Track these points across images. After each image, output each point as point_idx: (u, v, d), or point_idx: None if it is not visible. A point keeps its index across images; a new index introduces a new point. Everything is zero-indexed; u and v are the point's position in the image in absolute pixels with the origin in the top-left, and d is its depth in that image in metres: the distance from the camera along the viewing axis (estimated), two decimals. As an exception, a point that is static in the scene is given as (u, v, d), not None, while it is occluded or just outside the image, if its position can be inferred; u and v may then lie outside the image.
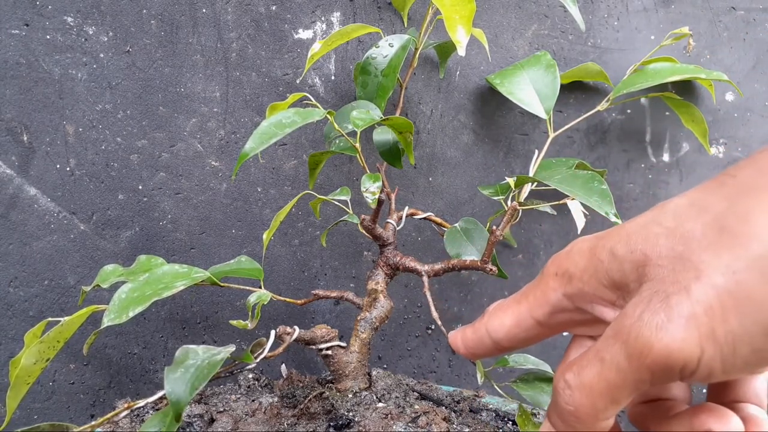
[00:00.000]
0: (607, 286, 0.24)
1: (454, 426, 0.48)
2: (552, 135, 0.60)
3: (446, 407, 0.51)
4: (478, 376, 0.50)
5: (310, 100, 0.50)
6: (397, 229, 0.57)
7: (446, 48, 0.65)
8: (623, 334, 0.22)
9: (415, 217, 0.62)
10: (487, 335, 0.29)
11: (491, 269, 0.49)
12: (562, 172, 0.50)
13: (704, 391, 0.28)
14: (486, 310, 0.30)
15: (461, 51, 0.45)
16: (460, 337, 0.30)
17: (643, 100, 0.73)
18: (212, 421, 0.48)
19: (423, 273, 0.52)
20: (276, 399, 0.51)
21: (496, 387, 0.52)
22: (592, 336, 0.29)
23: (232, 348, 0.38)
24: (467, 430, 0.48)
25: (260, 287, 0.50)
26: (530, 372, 0.53)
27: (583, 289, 0.25)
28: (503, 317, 0.28)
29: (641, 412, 0.28)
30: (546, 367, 0.53)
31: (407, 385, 0.54)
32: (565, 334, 0.57)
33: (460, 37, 0.45)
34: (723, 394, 0.27)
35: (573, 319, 0.27)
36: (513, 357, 0.56)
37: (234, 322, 0.50)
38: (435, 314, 0.49)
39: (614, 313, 0.25)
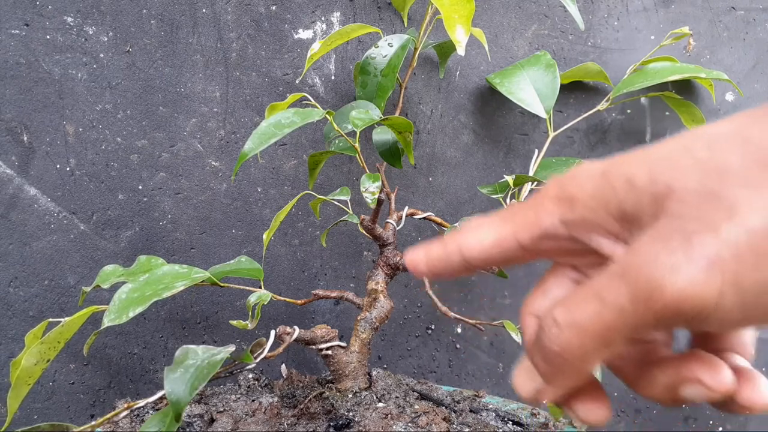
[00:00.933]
0: (615, 216, 0.22)
1: (454, 426, 0.48)
2: (552, 135, 0.60)
3: (446, 407, 0.51)
4: (514, 335, 0.49)
5: (310, 100, 0.50)
6: (397, 229, 0.57)
7: (446, 48, 0.65)
8: (631, 274, 0.19)
9: (415, 217, 0.62)
10: (457, 251, 0.26)
11: (491, 269, 0.49)
12: (562, 171, 0.50)
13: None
14: (462, 225, 0.27)
15: (460, 50, 0.45)
16: (423, 253, 0.27)
17: (643, 99, 0.73)
18: (212, 421, 0.48)
19: (423, 273, 0.52)
20: (276, 399, 0.51)
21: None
22: (575, 266, 0.26)
23: (232, 348, 0.38)
24: (467, 430, 0.48)
25: (260, 287, 0.51)
26: None
27: (587, 216, 0.23)
28: (482, 234, 0.25)
29: (619, 355, 0.25)
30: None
31: (407, 385, 0.54)
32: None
33: (460, 36, 0.45)
34: (709, 341, 0.24)
35: (561, 248, 0.24)
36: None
37: (234, 322, 0.50)
38: (443, 308, 0.49)
39: (614, 246, 0.23)
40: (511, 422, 0.51)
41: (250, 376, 0.55)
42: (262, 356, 0.44)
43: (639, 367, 0.24)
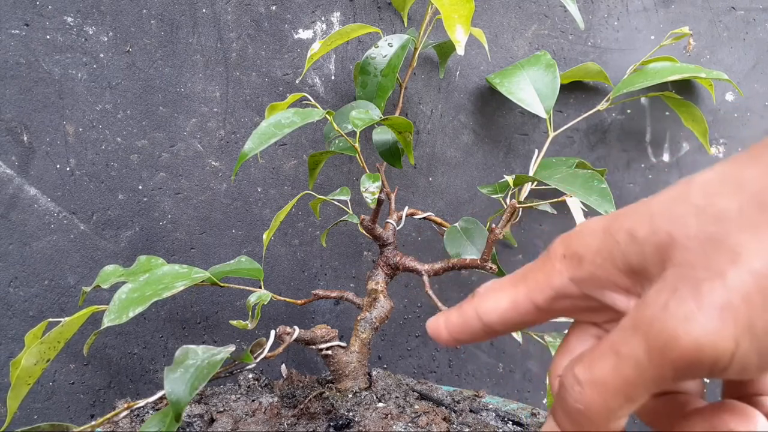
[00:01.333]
0: (623, 270, 0.22)
1: (454, 426, 0.48)
2: (552, 135, 0.60)
3: (446, 407, 0.51)
4: (515, 335, 0.49)
5: (310, 101, 0.50)
6: (397, 229, 0.57)
7: (446, 48, 0.65)
8: (644, 326, 0.19)
9: (415, 217, 0.62)
10: (476, 318, 0.26)
11: (491, 268, 0.49)
12: (562, 171, 0.50)
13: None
14: (475, 291, 0.27)
15: (460, 50, 0.45)
16: (443, 321, 0.27)
17: (643, 99, 0.73)
18: (212, 421, 0.48)
19: (423, 272, 0.52)
20: (276, 399, 0.51)
21: (536, 338, 0.52)
22: (595, 322, 0.26)
23: (231, 348, 0.38)
24: (467, 430, 0.48)
25: (260, 287, 0.51)
26: (563, 333, 0.51)
27: (595, 273, 0.23)
28: (498, 299, 0.25)
29: (652, 408, 0.25)
30: None
31: (407, 385, 0.54)
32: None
33: (459, 36, 0.45)
34: (741, 386, 0.24)
35: (577, 306, 0.24)
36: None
37: (234, 322, 0.50)
38: (443, 308, 0.48)
39: (627, 301, 0.23)
40: (511, 422, 0.51)
41: (250, 376, 0.55)
42: (262, 356, 0.44)
43: (672, 420, 0.24)
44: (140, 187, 0.64)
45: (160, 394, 0.40)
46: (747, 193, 0.19)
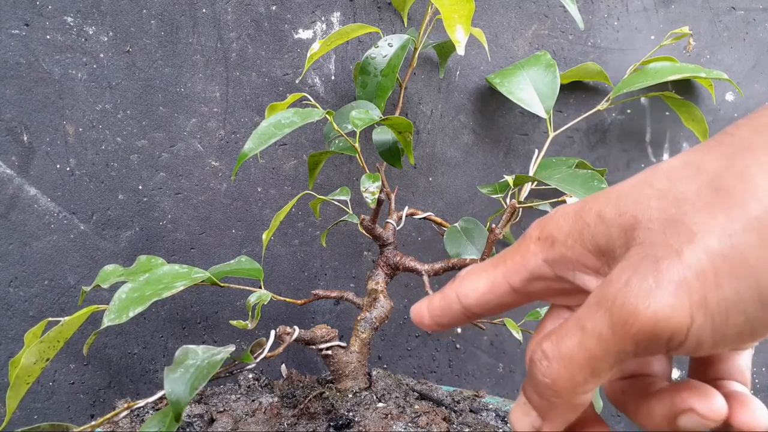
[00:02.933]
0: (592, 251, 0.23)
1: (454, 426, 0.48)
2: (552, 135, 0.60)
3: (446, 407, 0.51)
4: (515, 334, 0.49)
5: (310, 101, 0.50)
6: (397, 229, 0.57)
7: (446, 48, 0.65)
8: (607, 301, 0.20)
9: (415, 217, 0.62)
10: (456, 300, 0.27)
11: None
12: (562, 171, 0.50)
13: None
14: (457, 275, 0.28)
15: (460, 50, 0.45)
16: (426, 306, 0.28)
17: (643, 99, 0.73)
18: (212, 421, 0.48)
19: (423, 272, 0.52)
20: (276, 399, 0.51)
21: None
22: (570, 306, 0.27)
23: (231, 348, 0.38)
24: (467, 430, 0.48)
25: (260, 287, 0.50)
26: None
27: (566, 254, 0.24)
28: (477, 281, 0.26)
29: (619, 388, 0.26)
30: None
31: (407, 385, 0.54)
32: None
33: (459, 36, 0.45)
34: (705, 371, 0.25)
35: (551, 288, 0.25)
36: (545, 309, 0.55)
37: (234, 322, 0.50)
38: None
39: (597, 281, 0.24)
40: (511, 422, 0.51)
41: (250, 376, 0.55)
42: (262, 356, 0.44)
43: (638, 400, 0.25)
44: (140, 187, 0.64)
45: (160, 394, 0.40)
46: (705, 177, 0.20)
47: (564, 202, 0.52)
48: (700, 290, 0.19)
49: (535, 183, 0.62)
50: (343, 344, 0.51)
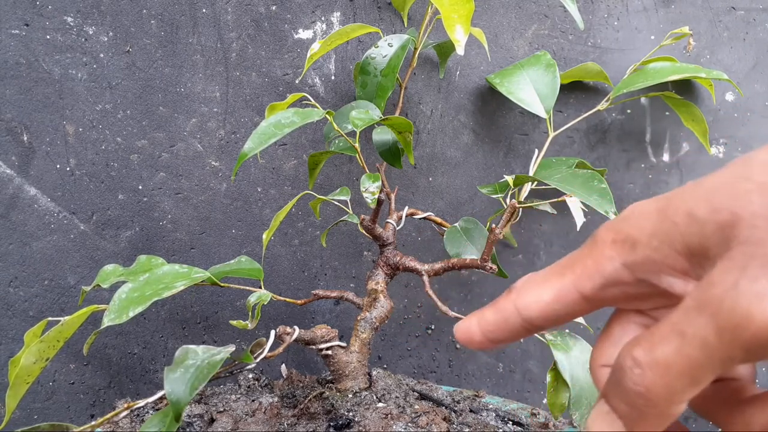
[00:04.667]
0: (681, 253, 0.21)
1: (454, 426, 0.48)
2: (552, 135, 0.60)
3: (446, 407, 0.51)
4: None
5: (310, 100, 0.50)
6: (397, 229, 0.57)
7: (446, 48, 0.65)
8: (712, 305, 0.19)
9: (415, 217, 0.62)
10: (515, 314, 0.25)
11: (491, 268, 0.49)
12: (562, 171, 0.50)
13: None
14: (512, 286, 0.26)
15: (460, 50, 0.45)
16: (475, 322, 0.26)
17: (643, 99, 0.73)
18: (212, 421, 0.48)
19: (423, 272, 0.52)
20: (276, 399, 0.51)
21: (537, 336, 0.52)
22: (640, 310, 0.26)
23: (231, 348, 0.38)
24: (467, 430, 0.48)
25: (260, 287, 0.51)
26: (567, 334, 0.51)
27: (651, 256, 0.22)
28: (540, 292, 0.25)
29: (705, 395, 0.24)
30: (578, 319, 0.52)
31: (407, 385, 0.54)
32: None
33: (459, 36, 0.45)
34: None
35: (626, 293, 0.24)
36: None
37: (234, 322, 0.50)
38: (443, 308, 0.48)
39: (685, 284, 0.22)
40: (511, 422, 0.51)
41: (250, 376, 0.55)
42: (262, 356, 0.44)
43: (729, 407, 0.24)
44: (140, 187, 0.64)
45: (160, 394, 0.40)
46: None
47: (563, 202, 0.52)
48: None
49: (535, 183, 0.62)
50: (343, 344, 0.51)
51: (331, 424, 0.46)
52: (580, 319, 0.54)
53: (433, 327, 0.72)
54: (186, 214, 0.65)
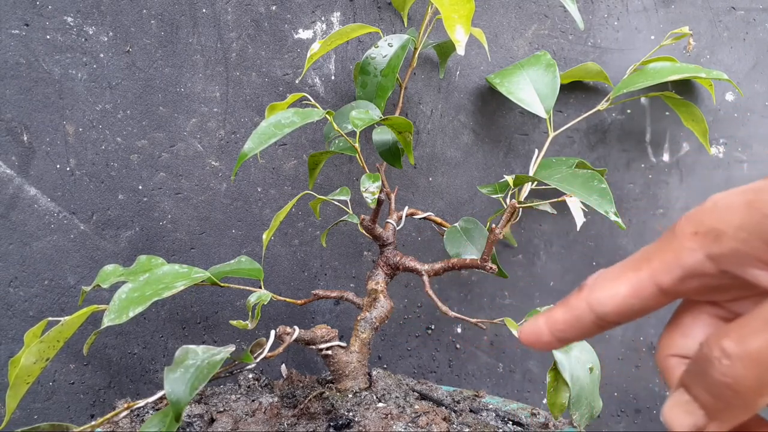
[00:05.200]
0: None
1: (454, 426, 0.48)
2: (552, 135, 0.60)
3: (446, 407, 0.51)
4: (516, 334, 0.50)
5: (310, 100, 0.50)
6: (397, 229, 0.57)
7: (446, 48, 0.65)
8: None
9: (415, 217, 0.62)
10: (588, 311, 0.25)
11: (491, 268, 0.49)
12: (562, 171, 0.50)
13: None
14: (582, 284, 0.26)
15: (460, 50, 0.45)
16: (544, 322, 0.26)
17: (643, 99, 0.73)
18: (212, 421, 0.48)
19: (423, 272, 0.52)
20: (276, 399, 0.51)
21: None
22: (715, 302, 0.26)
23: (231, 348, 0.38)
24: (467, 430, 0.48)
25: (260, 287, 0.51)
26: None
27: (739, 249, 0.22)
28: (615, 287, 0.24)
29: None
30: None
31: (407, 385, 0.54)
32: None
33: (459, 36, 0.45)
34: None
35: (707, 285, 0.24)
36: (545, 308, 0.56)
37: (234, 322, 0.50)
38: (443, 308, 0.48)
39: None
40: (511, 422, 0.51)
41: (250, 376, 0.55)
42: (262, 356, 0.44)
43: None
44: (140, 187, 0.64)
45: (160, 394, 0.40)
46: None
47: (563, 202, 0.52)
48: None
49: (535, 183, 0.62)
50: (343, 344, 0.51)
51: (331, 424, 0.46)
52: None
53: (433, 327, 0.72)
54: (186, 214, 0.65)
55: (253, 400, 0.51)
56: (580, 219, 0.50)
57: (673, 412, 0.24)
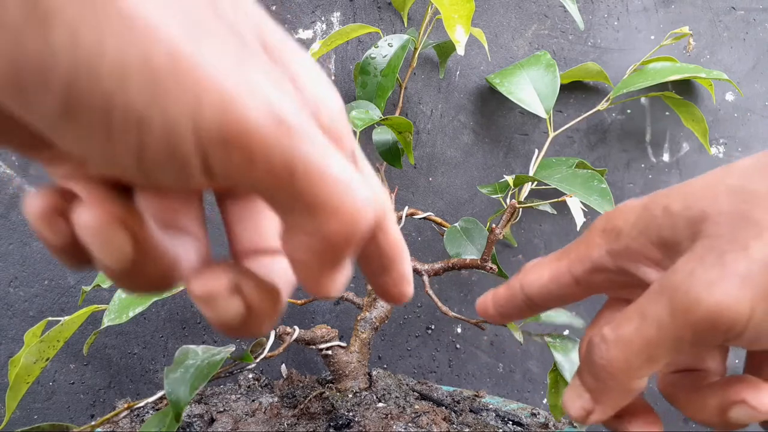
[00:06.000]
0: (656, 243, 0.23)
1: (454, 426, 0.48)
2: (552, 135, 0.60)
3: (446, 407, 0.51)
4: (516, 335, 0.50)
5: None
6: (397, 228, 0.57)
7: (446, 48, 0.65)
8: (670, 289, 0.21)
9: (415, 217, 0.62)
10: (520, 291, 0.28)
11: (491, 268, 0.49)
12: (562, 171, 0.50)
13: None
14: (522, 267, 0.29)
15: (460, 50, 0.45)
16: (491, 297, 0.29)
17: (643, 99, 0.73)
18: (212, 421, 0.48)
19: (423, 272, 0.52)
20: (276, 399, 0.51)
21: (536, 338, 0.52)
22: (628, 300, 0.27)
23: (231, 348, 0.38)
24: (467, 430, 0.48)
25: (260, 287, 0.50)
26: (566, 337, 0.52)
27: (630, 245, 0.24)
28: (541, 271, 0.27)
29: (672, 381, 0.27)
30: (578, 322, 0.53)
31: (407, 385, 0.54)
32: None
33: (459, 36, 0.45)
34: (761, 371, 0.25)
35: (612, 280, 0.26)
36: (546, 312, 0.56)
37: (234, 322, 0.50)
38: (444, 308, 0.49)
39: (658, 275, 0.24)
40: (511, 422, 0.51)
41: (250, 376, 0.55)
42: (262, 356, 0.44)
43: (691, 392, 0.26)
44: (140, 187, 0.63)
45: (160, 394, 0.40)
46: None
47: (564, 202, 0.52)
48: (764, 284, 0.20)
49: (535, 183, 0.62)
50: (343, 344, 0.51)
51: (331, 424, 0.46)
52: (581, 323, 0.54)
53: (433, 327, 0.72)
54: (186, 214, 0.65)
55: (253, 400, 0.51)
56: (580, 219, 0.50)
57: (567, 395, 0.26)
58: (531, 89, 0.59)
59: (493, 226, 0.49)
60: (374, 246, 0.21)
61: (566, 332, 0.53)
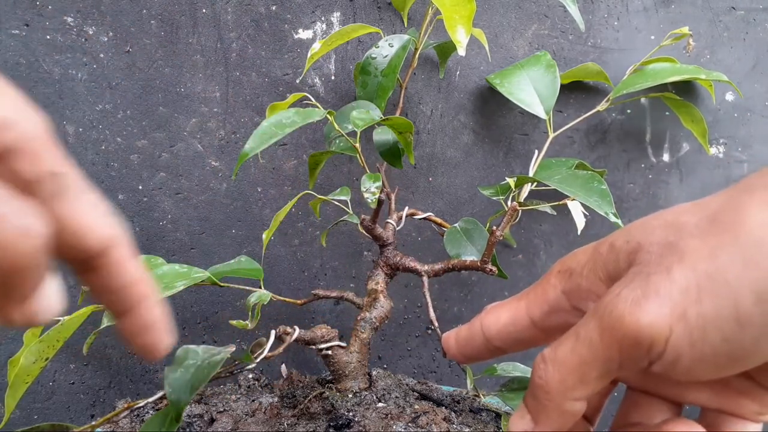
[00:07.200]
0: (603, 279, 0.25)
1: (454, 426, 0.48)
2: (552, 135, 0.60)
3: (446, 407, 0.51)
4: (468, 382, 0.50)
5: (310, 100, 0.50)
6: (397, 229, 0.57)
7: (446, 48, 0.65)
8: (600, 310, 0.22)
9: (415, 217, 0.62)
10: (480, 332, 0.28)
11: (491, 269, 0.49)
12: (562, 172, 0.50)
13: None
14: (484, 308, 0.29)
15: (461, 51, 0.45)
16: (453, 336, 0.30)
17: (643, 100, 0.73)
18: (212, 421, 0.48)
19: (423, 273, 0.52)
20: (276, 399, 0.51)
21: (482, 397, 0.52)
22: None
23: (231, 348, 0.38)
24: (467, 430, 0.48)
25: (260, 287, 0.51)
26: (516, 379, 0.53)
27: (581, 284, 0.25)
28: (500, 313, 0.28)
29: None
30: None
31: (407, 385, 0.54)
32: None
33: (461, 37, 0.45)
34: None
35: (568, 322, 0.26)
36: (501, 365, 0.56)
37: (234, 322, 0.50)
38: (432, 315, 0.49)
39: None
40: (511, 422, 0.51)
41: (250, 376, 0.55)
42: (262, 356, 0.44)
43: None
44: (140, 187, 0.63)
45: (160, 394, 0.40)
46: (706, 211, 0.22)
47: (564, 204, 0.52)
48: (682, 304, 0.21)
49: (535, 184, 0.62)
50: (343, 344, 0.50)
51: (331, 424, 0.46)
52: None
53: (433, 327, 0.72)
54: (186, 214, 0.65)
55: (253, 400, 0.51)
56: (581, 223, 0.51)
57: (512, 418, 0.27)
58: (531, 89, 0.59)
59: (494, 227, 0.49)
60: (102, 277, 0.20)
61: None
